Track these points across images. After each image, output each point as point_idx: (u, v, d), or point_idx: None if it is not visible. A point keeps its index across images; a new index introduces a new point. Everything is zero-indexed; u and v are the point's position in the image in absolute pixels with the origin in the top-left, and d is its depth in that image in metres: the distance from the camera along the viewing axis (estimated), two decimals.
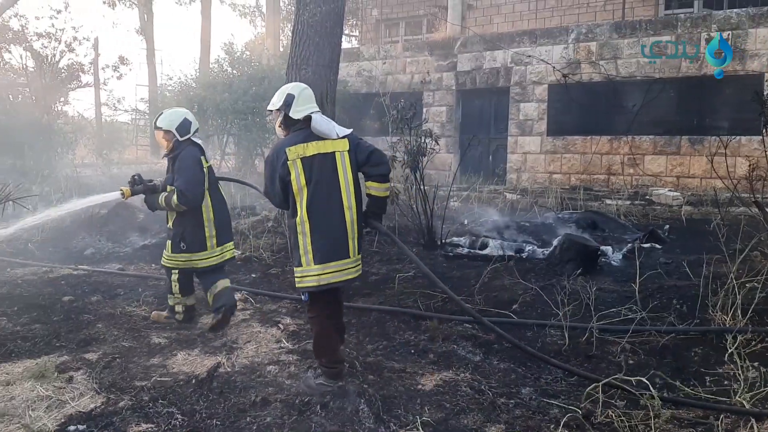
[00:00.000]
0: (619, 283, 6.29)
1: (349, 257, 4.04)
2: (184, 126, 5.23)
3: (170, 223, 5.30)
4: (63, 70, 18.12)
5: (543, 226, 8.70)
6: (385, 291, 6.38)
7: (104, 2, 27.29)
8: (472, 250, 7.93)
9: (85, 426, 3.57)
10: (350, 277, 4.08)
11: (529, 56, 14.63)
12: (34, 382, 4.14)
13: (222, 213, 5.37)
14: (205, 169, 5.23)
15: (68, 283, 6.77)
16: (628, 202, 11.83)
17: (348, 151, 4.05)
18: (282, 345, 4.92)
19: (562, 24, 15.97)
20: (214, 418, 3.65)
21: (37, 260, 7.68)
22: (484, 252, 7.82)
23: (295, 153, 3.94)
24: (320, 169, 3.96)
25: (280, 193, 4.05)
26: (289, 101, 4.07)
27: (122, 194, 5.27)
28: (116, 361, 4.55)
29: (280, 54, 15.83)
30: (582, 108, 14.06)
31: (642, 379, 3.78)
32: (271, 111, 4.21)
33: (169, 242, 5.30)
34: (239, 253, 7.61)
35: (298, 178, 3.93)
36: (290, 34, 8.72)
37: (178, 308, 5.46)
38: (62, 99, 17.96)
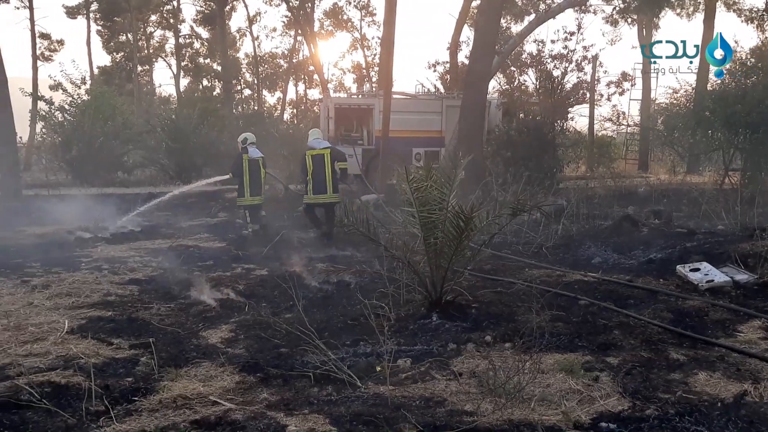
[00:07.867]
0: None
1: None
2: (243, 141, 11.82)
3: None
4: (566, 89, 19.52)
5: None
6: None
7: (606, 21, 28.11)
8: None
9: (615, 425, 3.80)
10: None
11: None
12: (564, 375, 4.59)
13: (254, 178, 11.63)
14: (245, 161, 11.54)
15: (580, 288, 7.20)
16: None
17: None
18: None
19: None
20: None
21: (550, 263, 8.43)
22: None
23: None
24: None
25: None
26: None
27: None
28: (636, 369, 4.70)
29: None
30: None
31: None
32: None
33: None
34: (756, 276, 6.99)
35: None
36: None
37: (249, 230, 11.70)
38: (567, 116, 19.33)
